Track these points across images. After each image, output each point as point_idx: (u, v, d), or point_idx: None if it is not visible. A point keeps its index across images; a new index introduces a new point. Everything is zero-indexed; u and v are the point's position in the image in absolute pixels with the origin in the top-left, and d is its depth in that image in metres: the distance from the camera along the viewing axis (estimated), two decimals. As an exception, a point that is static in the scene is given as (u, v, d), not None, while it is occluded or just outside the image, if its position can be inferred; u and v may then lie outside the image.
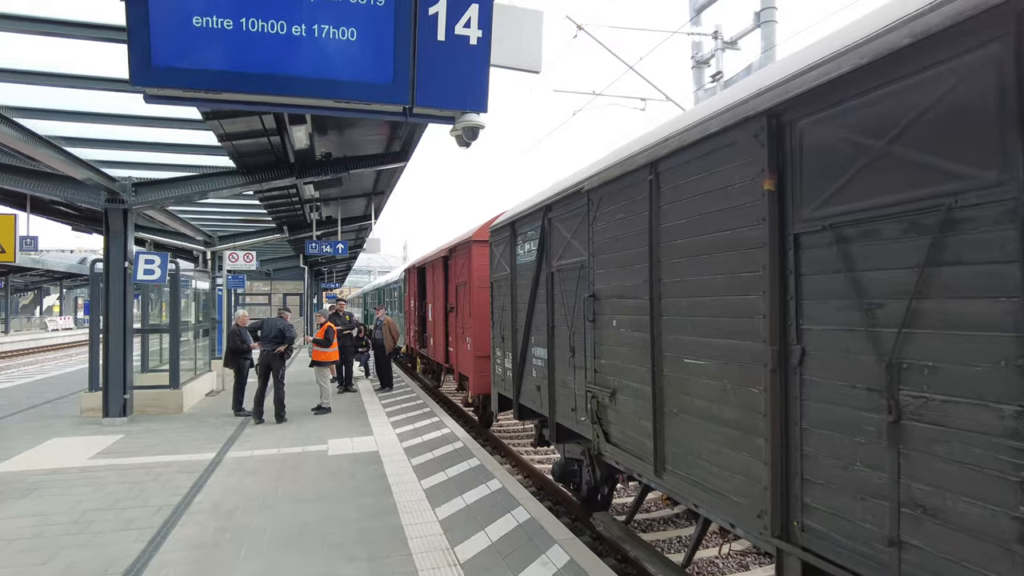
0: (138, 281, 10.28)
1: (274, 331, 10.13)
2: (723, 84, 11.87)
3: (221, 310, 16.37)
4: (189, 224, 15.60)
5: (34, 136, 8.46)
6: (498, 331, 8.61)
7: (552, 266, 6.46)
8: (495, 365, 8.81)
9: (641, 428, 4.58)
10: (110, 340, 10.03)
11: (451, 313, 11.89)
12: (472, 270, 10.33)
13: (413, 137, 10.84)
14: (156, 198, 10.31)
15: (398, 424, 9.92)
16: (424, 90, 3.72)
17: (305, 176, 10.95)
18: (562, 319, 6.24)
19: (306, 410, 11.14)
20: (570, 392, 6.08)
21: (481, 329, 10.23)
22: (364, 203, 18.48)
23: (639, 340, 4.56)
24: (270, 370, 10.16)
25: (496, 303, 8.76)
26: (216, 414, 10.99)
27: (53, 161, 8.85)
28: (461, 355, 11.19)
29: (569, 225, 6.06)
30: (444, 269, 12.50)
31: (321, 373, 11.13)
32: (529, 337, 7.29)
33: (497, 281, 8.64)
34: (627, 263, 4.76)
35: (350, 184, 15.28)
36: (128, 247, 10.19)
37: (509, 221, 7.93)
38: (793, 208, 3.25)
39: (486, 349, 10.23)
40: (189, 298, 13.59)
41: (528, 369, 7.38)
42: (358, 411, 11.18)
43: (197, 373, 13.09)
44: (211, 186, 10.54)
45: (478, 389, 10.30)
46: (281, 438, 8.97)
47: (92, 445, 8.53)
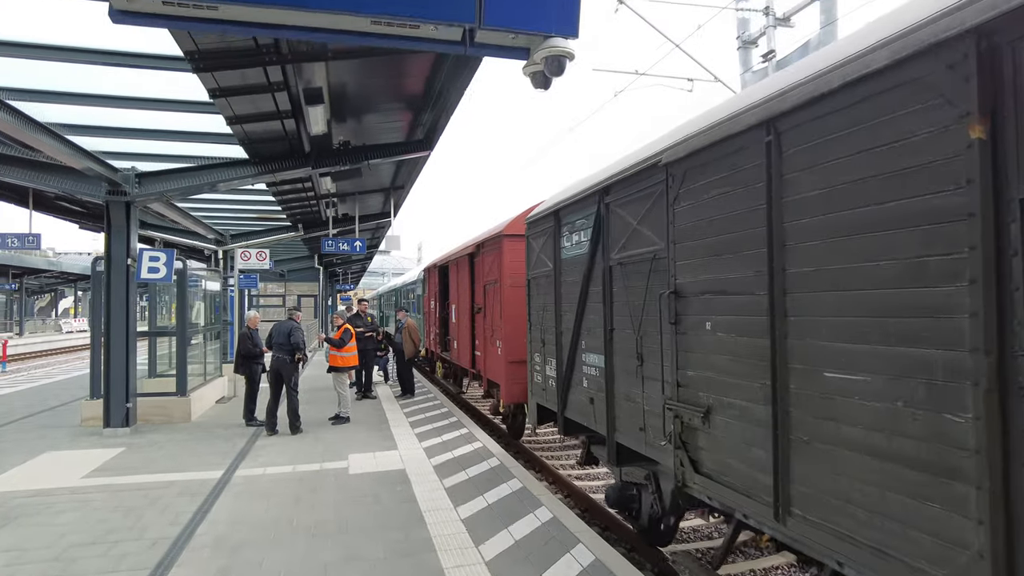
0: (142, 280, 9.47)
1: (282, 335, 9.26)
2: (776, 64, 10.87)
3: (233, 312, 15.58)
4: (200, 222, 14.83)
5: (30, 121, 7.67)
6: (537, 334, 7.68)
7: (611, 259, 5.52)
8: (533, 372, 7.88)
9: (752, 459, 3.62)
10: (111, 344, 9.22)
11: (478, 314, 10.98)
12: (503, 267, 9.40)
13: (438, 123, 9.94)
14: (161, 189, 9.50)
15: (424, 436, 9.01)
16: (495, 3, 2.75)
17: (321, 166, 10.09)
18: (625, 321, 5.30)
19: (323, 420, 10.27)
20: (636, 408, 5.13)
21: (514, 332, 9.31)
22: (381, 200, 17.63)
23: (749, 347, 3.60)
24: (281, 378, 9.30)
25: (534, 303, 7.84)
26: (226, 424, 10.15)
27: (50, 149, 8.07)
28: (490, 360, 10.27)
29: (635, 209, 5.12)
30: (470, 267, 11.59)
31: (339, 380, 10.25)
32: (578, 342, 6.35)
33: (536, 278, 7.71)
34: (729, 250, 3.81)
35: (368, 178, 14.44)
36: (131, 243, 9.39)
37: (551, 210, 7.00)
38: (1019, 163, 2.29)
39: (520, 354, 9.31)
40: (198, 299, 12.79)
41: (577, 378, 6.44)
42: (379, 421, 10.29)
43: (207, 379, 12.28)
44: (221, 177, 9.71)
45: (511, 398, 9.37)
46: (296, 452, 8.10)
47: (88, 461, 7.70)
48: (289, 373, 9.27)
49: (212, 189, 10.01)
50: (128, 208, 9.36)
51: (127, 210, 9.35)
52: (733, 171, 3.77)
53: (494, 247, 9.94)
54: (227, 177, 9.72)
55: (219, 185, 9.88)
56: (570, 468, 9.15)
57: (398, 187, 15.01)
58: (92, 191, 9.25)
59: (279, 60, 6.40)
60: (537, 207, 8.09)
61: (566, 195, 6.71)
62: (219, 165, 9.75)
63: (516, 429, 10.53)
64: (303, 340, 9.32)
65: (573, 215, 6.50)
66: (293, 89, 7.54)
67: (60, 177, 9.23)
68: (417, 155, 10.72)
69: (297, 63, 6.57)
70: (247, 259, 12.97)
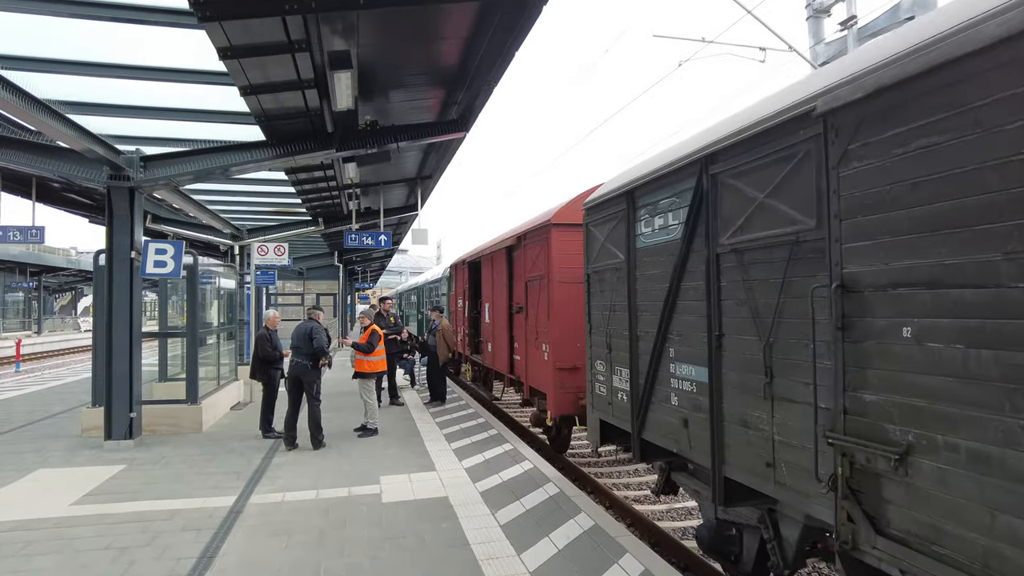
0: (147, 275, 8.48)
1: (302, 337, 8.19)
2: (856, 33, 9.61)
3: (249, 310, 14.61)
4: (215, 215, 13.88)
5: (22, 95, 6.70)
6: (600, 339, 6.54)
7: (721, 245, 4.36)
8: (594, 383, 6.74)
9: (1001, 530, 2.45)
10: (114, 347, 8.24)
11: (518, 314, 9.86)
12: (552, 261, 8.27)
13: (476, 100, 8.84)
14: (169, 174, 8.49)
15: (463, 452, 7.91)
16: None
17: (346, 148, 9.04)
18: (742, 324, 4.14)
19: (347, 431, 9.22)
20: (760, 437, 3.97)
21: (564, 334, 8.17)
22: (405, 193, 16.60)
23: (995, 365, 2.43)
24: (301, 385, 8.25)
25: (597, 302, 6.70)
26: (241, 435, 9.14)
27: (44, 126, 7.10)
28: (534, 366, 9.15)
29: (760, 178, 3.96)
30: (508, 262, 10.48)
31: (365, 387, 9.19)
32: (664, 349, 5.19)
33: (599, 273, 6.57)
34: (950, 223, 2.64)
35: (393, 166, 13.40)
36: (135, 234, 8.40)
37: (622, 190, 5.86)
38: None
39: (572, 359, 8.18)
40: (211, 296, 11.82)
41: (661, 394, 5.28)
42: (410, 432, 9.21)
43: (220, 383, 11.30)
44: (235, 160, 8.69)
45: (560, 409, 8.23)
46: (320, 472, 7.04)
47: (83, 481, 6.70)
48: (310, 380, 8.22)
49: (225, 175, 8.99)
50: (132, 195, 8.37)
51: (131, 197, 8.36)
52: (959, 109, 2.60)
53: (539, 238, 8.80)
54: (242, 160, 8.70)
55: (233, 170, 8.86)
56: (623, 486, 8.00)
57: (425, 177, 13.94)
58: (92, 176, 8.27)
59: (301, 8, 5.32)
60: (598, 189, 6.95)
61: (645, 170, 5.56)
62: (233, 147, 8.74)
63: (560, 441, 9.41)
64: (326, 342, 8.26)
65: (656, 194, 5.35)
66: (316, 54, 6.48)
67: (56, 160, 8.27)
68: (451, 136, 9.62)
69: (324, 12, 5.48)
70: (264, 254, 11.98)
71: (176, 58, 6.91)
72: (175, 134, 8.89)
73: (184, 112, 8.23)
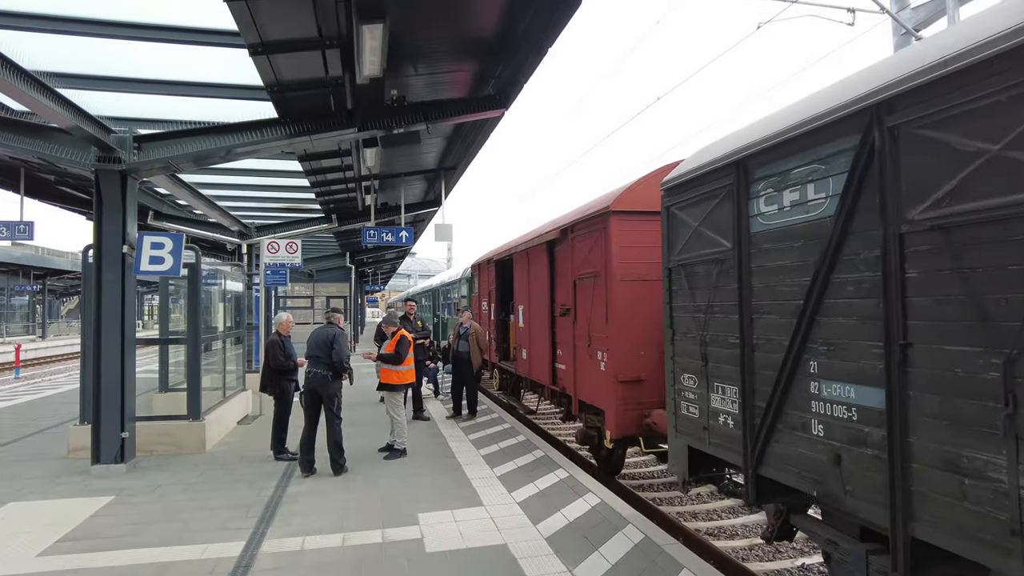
0: (142, 273, 7.35)
1: (320, 345, 7.03)
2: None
3: (258, 313, 13.47)
4: (220, 210, 12.77)
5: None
6: (690, 346, 5.34)
7: (908, 221, 3.17)
8: (680, 402, 5.53)
9: None
10: (102, 356, 7.11)
11: (562, 317, 8.67)
12: (611, 255, 7.08)
13: (519, 73, 7.69)
14: (166, 155, 7.36)
15: (510, 480, 6.72)
16: None
17: (370, 127, 7.89)
18: (951, 329, 2.94)
19: (370, 451, 8.05)
20: (995, 490, 2.76)
21: (627, 341, 6.99)
22: (424, 188, 15.47)
23: None
24: (320, 400, 7.09)
25: (681, 301, 5.51)
26: (250, 456, 7.98)
27: (21, 96, 5.98)
28: (585, 377, 7.96)
29: (987, 125, 2.77)
30: (548, 258, 9.29)
31: (393, 400, 8.01)
32: (800, 361, 3.99)
33: (687, 266, 5.38)
34: None
35: (413, 156, 12.29)
36: (128, 226, 7.27)
37: (729, 160, 4.67)
38: None
39: (635, 370, 7.00)
40: (216, 298, 10.70)
41: (794, 420, 4.08)
42: (442, 454, 8.03)
43: (227, 394, 10.16)
44: (242, 141, 7.56)
45: (622, 429, 7.03)
46: (345, 507, 5.86)
47: (59, 520, 5.56)
48: (330, 394, 7.05)
49: (230, 157, 7.85)
50: (124, 180, 7.25)
51: (123, 182, 7.24)
52: None
53: (593, 229, 7.61)
54: (251, 141, 7.56)
55: (240, 152, 7.73)
56: (719, 530, 6.80)
57: (449, 168, 12.78)
58: (78, 158, 7.14)
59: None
60: (679, 166, 5.76)
61: (763, 132, 4.36)
62: (240, 126, 7.60)
63: (613, 463, 8.22)
64: (348, 351, 7.09)
65: (784, 161, 4.16)
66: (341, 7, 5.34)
67: (35, 139, 7.16)
68: (488, 114, 8.46)
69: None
70: (275, 251, 10.87)
71: (176, 15, 5.80)
72: (175, 114, 7.78)
73: (185, 86, 7.12)
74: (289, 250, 10.97)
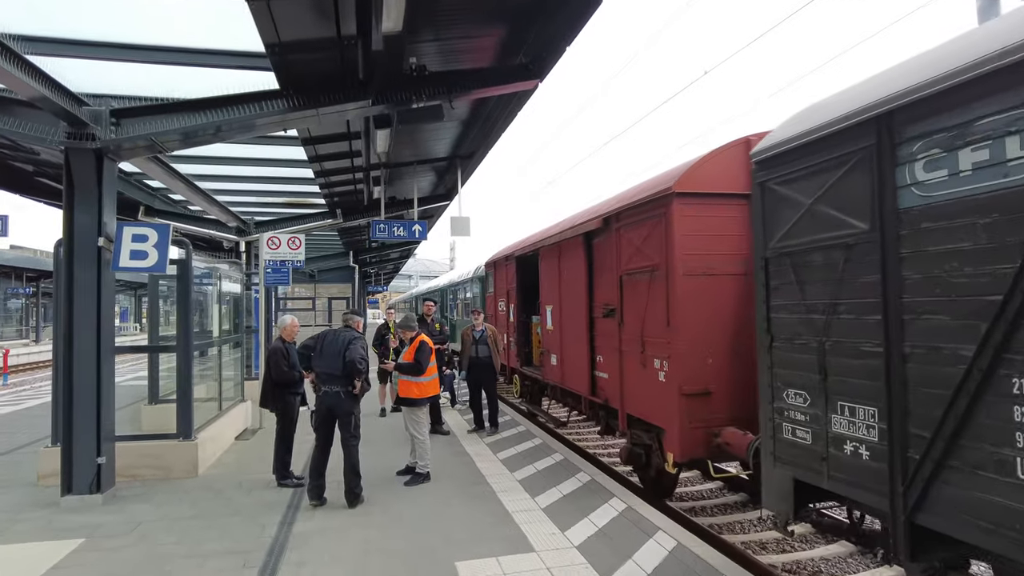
0: (122, 269, 6.29)
1: (335, 354, 5.95)
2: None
3: (258, 316, 12.39)
4: (216, 203, 11.69)
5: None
6: (800, 356, 4.27)
7: None
8: (782, 424, 4.46)
9: None
10: (75, 368, 6.04)
11: (605, 319, 7.60)
12: (673, 245, 6.02)
13: (557, 40, 6.64)
14: (148, 131, 6.28)
15: (559, 513, 5.65)
16: None
17: (385, 100, 6.83)
18: None
19: (386, 473, 7.00)
20: None
21: (694, 346, 5.93)
22: (434, 181, 14.40)
23: None
24: (334, 420, 6.02)
25: (784, 299, 4.44)
26: (250, 481, 6.91)
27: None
28: (636, 388, 6.89)
29: None
30: (586, 252, 8.22)
31: (414, 417, 6.93)
32: (991, 378, 2.93)
33: (796, 255, 4.31)
34: None
35: (426, 143, 11.24)
36: (104, 214, 6.20)
37: (866, 115, 3.61)
38: None
39: (703, 380, 5.94)
40: (212, 300, 9.63)
41: (978, 456, 3.01)
42: (471, 477, 6.96)
43: (223, 406, 9.09)
44: (238, 115, 6.49)
45: (689, 450, 5.96)
46: (364, 553, 4.79)
47: (11, 575, 4.49)
48: (346, 411, 5.97)
49: (224, 134, 6.77)
50: (99, 161, 6.18)
51: (98, 164, 6.17)
52: None
53: (648, 215, 6.54)
54: (248, 116, 6.50)
55: (235, 128, 6.66)
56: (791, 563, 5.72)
57: (465, 156, 11.71)
58: (44, 134, 6.06)
59: None
60: (772, 133, 4.70)
61: (929, 75, 3.30)
62: (236, 99, 6.53)
63: (663, 485, 7.18)
64: (364, 358, 6.02)
65: (963, 111, 3.09)
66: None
67: (-6, 112, 6.09)
68: (520, 87, 7.39)
69: None
70: (276, 247, 9.82)
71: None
72: (162, 91, 6.71)
73: (172, 52, 6.05)
74: (291, 246, 9.91)
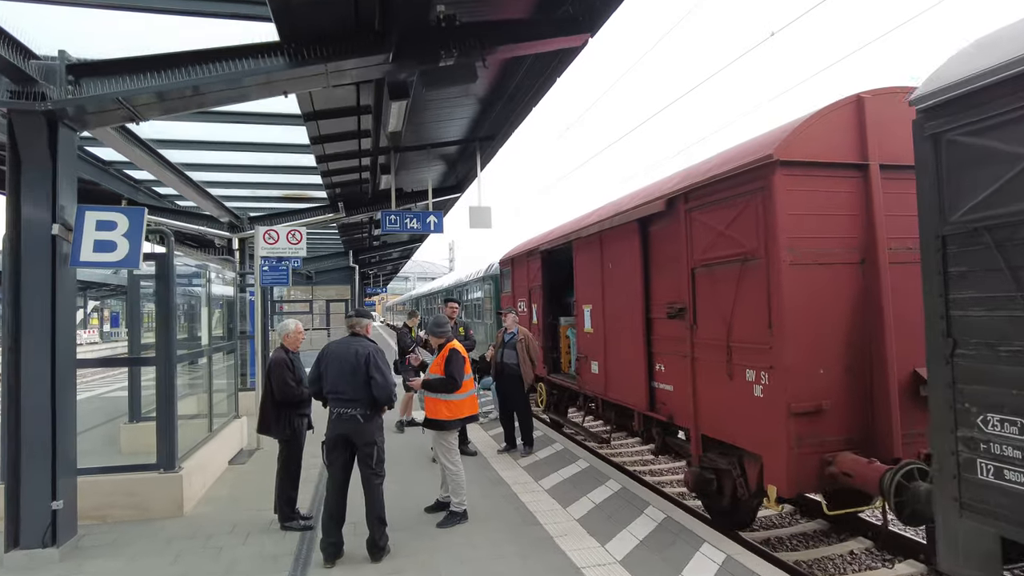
0: (83, 264, 5.02)
1: (349, 372, 4.70)
2: None
3: (253, 320, 11.08)
4: (206, 194, 10.41)
5: None
6: (1010, 368, 3.06)
7: None
8: (977, 461, 3.23)
9: None
10: (23, 391, 4.78)
11: (671, 320, 6.36)
12: (775, 227, 4.80)
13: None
14: (116, 91, 5.02)
15: (639, 564, 4.42)
16: None
17: (407, 56, 5.60)
18: None
19: (411, 510, 5.76)
20: None
21: (805, 354, 4.72)
22: (444, 171, 13.15)
23: None
24: (352, 451, 4.77)
25: (970, 291, 3.21)
26: (246, 521, 5.66)
27: None
28: (718, 404, 5.67)
29: None
30: (641, 241, 6.99)
31: (444, 443, 5.67)
32: None
33: (995, 229, 3.09)
34: None
35: (441, 124, 10.01)
36: (59, 196, 4.93)
37: None
38: None
39: (815, 396, 4.77)
40: (201, 302, 8.36)
41: None
42: (517, 516, 5.72)
43: (213, 427, 7.82)
44: (225, 73, 5.24)
45: (798, 482, 4.75)
46: (401, 640, 3.56)
47: None
48: (367, 441, 4.72)
49: (212, 97, 5.51)
50: (54, 127, 4.92)
51: (51, 131, 4.90)
52: None
53: (739, 192, 5.31)
54: (241, 73, 5.25)
55: (225, 89, 5.42)
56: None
57: (486, 138, 10.48)
58: (-20, 93, 4.79)
59: None
60: (937, 73, 3.48)
61: None
62: (226, 52, 5.27)
63: (739, 514, 5.98)
64: (393, 379, 4.77)
65: None
66: None
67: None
68: (567, 43, 6.18)
69: None
70: (274, 242, 8.57)
71: None
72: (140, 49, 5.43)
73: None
74: (291, 240, 8.66)
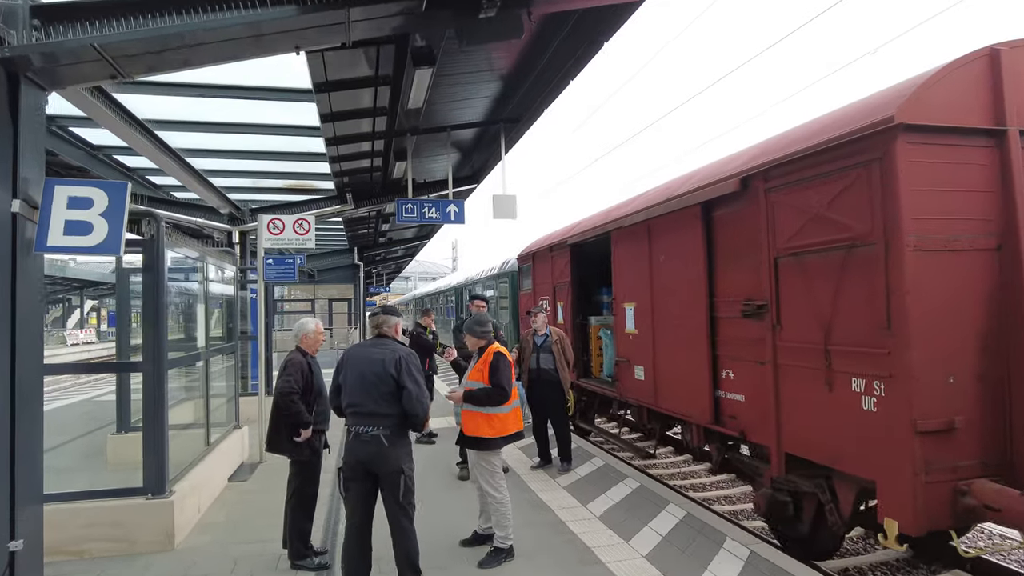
0: (50, 250, 4.12)
1: (374, 382, 3.82)
2: None
3: (255, 319, 10.16)
4: (205, 182, 9.52)
5: None
6: None
7: None
8: None
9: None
10: (-26, 403, 3.87)
11: (745, 320, 5.45)
12: (897, 205, 3.90)
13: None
14: (89, 38, 4.13)
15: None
16: None
17: (441, 6, 4.70)
18: None
19: (448, 544, 4.85)
20: None
21: (935, 360, 3.82)
22: (459, 160, 12.23)
23: None
24: (375, 481, 3.87)
25: None
26: (248, 560, 4.75)
27: None
28: (808, 418, 4.77)
29: None
30: (704, 228, 6.08)
31: (486, 466, 4.75)
32: None
33: None
34: None
35: (463, 105, 9.13)
36: (21, 165, 4.03)
37: None
38: None
39: (946, 410, 3.86)
40: (198, 298, 7.46)
41: None
42: (573, 552, 4.81)
43: (211, 440, 6.92)
44: (223, 17, 4.34)
45: (925, 516, 3.85)
46: None
47: None
48: (394, 468, 3.82)
49: (209, 51, 4.61)
50: (14, 79, 4.01)
51: (11, 86, 4.00)
52: None
53: (844, 164, 4.40)
54: (243, 17, 4.35)
55: (219, 48, 4.52)
56: None
57: (510, 120, 9.57)
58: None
59: None
60: None
61: None
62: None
63: (819, 542, 5.09)
64: (427, 393, 3.87)
65: None
66: None
67: None
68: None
69: None
70: (279, 231, 7.67)
71: None
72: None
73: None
74: (298, 230, 7.75)
